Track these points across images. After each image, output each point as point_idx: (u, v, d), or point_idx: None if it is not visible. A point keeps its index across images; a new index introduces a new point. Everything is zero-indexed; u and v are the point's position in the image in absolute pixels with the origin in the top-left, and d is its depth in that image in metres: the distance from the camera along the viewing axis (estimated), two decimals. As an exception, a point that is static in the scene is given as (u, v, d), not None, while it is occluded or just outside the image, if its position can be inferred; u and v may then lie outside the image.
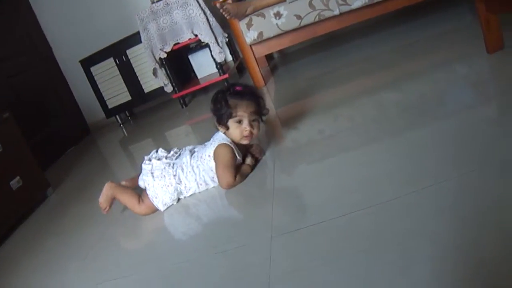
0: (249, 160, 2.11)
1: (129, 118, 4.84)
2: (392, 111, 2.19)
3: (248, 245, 1.55)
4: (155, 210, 2.12)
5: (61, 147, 4.36)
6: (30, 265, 2.08)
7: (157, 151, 2.22)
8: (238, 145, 2.08)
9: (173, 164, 2.13)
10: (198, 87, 4.24)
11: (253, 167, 2.11)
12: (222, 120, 2.05)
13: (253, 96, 2.06)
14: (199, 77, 4.49)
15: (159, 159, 2.16)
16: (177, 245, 1.79)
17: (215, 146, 2.03)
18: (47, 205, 2.92)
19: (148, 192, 2.10)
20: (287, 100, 3.05)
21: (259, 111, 2.08)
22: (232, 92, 2.05)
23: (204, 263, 1.56)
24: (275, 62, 4.55)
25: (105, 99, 4.56)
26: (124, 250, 1.91)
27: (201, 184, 2.10)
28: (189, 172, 2.09)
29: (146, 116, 4.67)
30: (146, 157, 2.21)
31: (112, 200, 2.20)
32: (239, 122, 2.02)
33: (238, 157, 2.07)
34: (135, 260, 1.79)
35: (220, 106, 2.05)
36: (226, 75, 4.07)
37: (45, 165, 3.81)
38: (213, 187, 2.10)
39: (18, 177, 2.78)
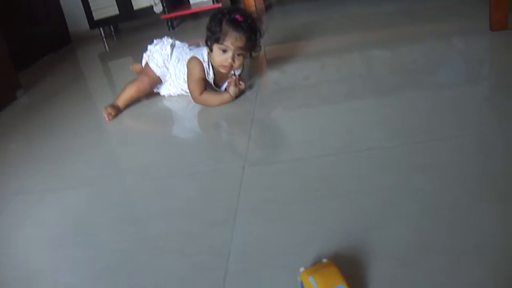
0: (231, 89, 2.06)
1: (113, 33, 4.70)
2: (381, 70, 2.15)
3: (219, 171, 1.53)
4: (157, 80, 2.27)
5: (38, 52, 4.20)
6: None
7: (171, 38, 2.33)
8: (216, 70, 2.09)
9: (175, 43, 2.28)
10: (189, 11, 4.17)
11: (235, 98, 2.08)
12: (209, 40, 2.02)
13: (249, 30, 2.00)
14: (191, 2, 4.36)
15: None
16: (144, 162, 1.74)
17: (189, 57, 2.11)
18: (15, 106, 2.83)
19: (148, 57, 2.29)
20: (277, 40, 2.97)
21: (248, 47, 2.04)
22: (231, 18, 1.98)
23: (169, 183, 1.53)
24: (271, 1, 4.44)
25: (92, 9, 4.40)
26: (86, 161, 1.85)
27: (177, 75, 2.21)
28: (176, 58, 2.22)
29: (131, 34, 4.55)
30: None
31: (117, 109, 2.24)
32: (224, 51, 1.99)
33: (208, 76, 2.10)
34: (94, 171, 1.75)
35: (213, 26, 2.01)
36: (219, 4, 3.96)
37: (19, 67, 3.68)
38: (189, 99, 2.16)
39: (-13, 74, 2.68)
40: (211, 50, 2.04)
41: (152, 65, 2.24)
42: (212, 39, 2.00)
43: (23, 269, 1.27)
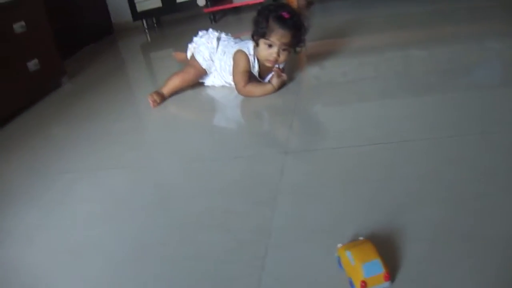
0: (274, 81, 2.12)
1: (156, 25, 4.77)
2: (417, 69, 2.18)
3: (261, 156, 1.60)
4: (202, 72, 2.33)
5: (82, 41, 4.31)
6: (34, 146, 2.09)
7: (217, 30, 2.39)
8: (261, 63, 2.15)
9: (220, 36, 2.33)
10: (232, 5, 4.24)
11: (278, 89, 2.14)
12: (255, 34, 2.08)
13: (294, 27, 2.05)
14: (235, -4, 4.43)
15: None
16: (187, 146, 1.81)
17: (236, 49, 2.16)
18: (60, 92, 2.93)
19: (194, 50, 2.35)
20: (317, 36, 3.00)
21: (293, 43, 2.09)
22: (277, 15, 2.03)
23: (212, 166, 1.60)
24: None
25: (135, 1, 4.48)
26: (131, 144, 1.92)
27: (222, 67, 2.26)
28: (222, 51, 2.27)
29: (173, 26, 4.62)
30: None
31: (162, 97, 2.31)
32: (269, 45, 2.05)
33: (253, 69, 2.15)
34: (139, 154, 1.82)
35: (259, 21, 2.06)
36: (262, 0, 4.00)
37: (63, 55, 3.78)
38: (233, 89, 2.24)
39: (36, 60, 2.77)
40: (257, 44, 2.10)
41: (199, 58, 2.30)
42: (259, 34, 2.06)
43: (72, 240, 1.34)
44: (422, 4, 3.42)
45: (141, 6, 4.50)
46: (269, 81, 2.15)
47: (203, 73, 2.34)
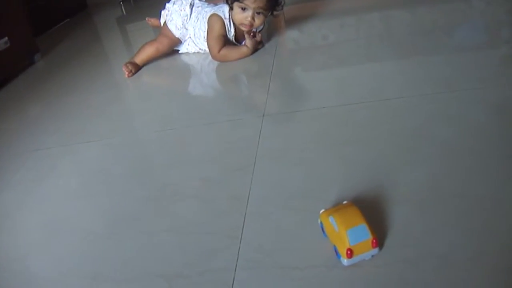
0: (248, 42, 2.06)
1: (131, -3, 4.67)
2: (400, 30, 2.12)
3: (237, 120, 1.54)
4: (176, 41, 2.27)
5: (55, 17, 4.20)
6: (8, 124, 2.03)
7: None
8: (236, 27, 2.09)
9: (193, 2, 2.23)
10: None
11: (253, 51, 2.09)
12: None
13: None
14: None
15: None
16: (162, 114, 1.76)
17: (210, 13, 2.09)
18: (33, 70, 2.84)
19: (166, 17, 2.27)
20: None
21: (269, 7, 2.03)
22: None
23: (189, 132, 1.55)
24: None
25: (108, -27, 4.37)
26: (105, 116, 1.87)
27: (196, 35, 2.19)
28: (195, 17, 2.19)
29: (149, -2, 4.50)
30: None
31: (136, 66, 2.25)
32: (243, 9, 1.98)
33: (229, 33, 2.09)
34: (112, 125, 1.76)
35: None
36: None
37: (36, 33, 3.68)
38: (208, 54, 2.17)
39: (6, 38, 2.67)
40: (231, 8, 2.02)
41: (171, 27, 2.23)
42: None
43: (46, 217, 1.29)
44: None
45: (114, -22, 4.38)
46: (244, 44, 2.09)
47: (177, 42, 2.27)
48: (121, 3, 4.51)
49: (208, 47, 2.12)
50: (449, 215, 0.93)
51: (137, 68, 2.23)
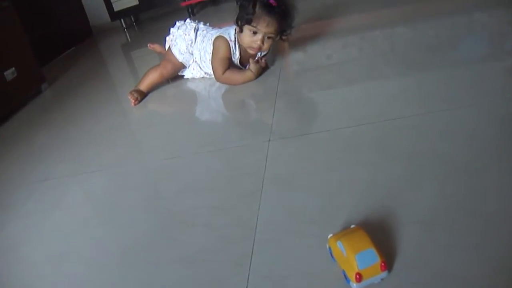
0: (253, 67, 2.06)
1: (134, 23, 4.72)
2: (403, 46, 2.12)
3: (244, 146, 1.54)
4: (180, 66, 2.27)
5: (61, 46, 4.25)
6: (17, 154, 2.05)
7: (194, 20, 2.32)
8: (242, 49, 2.09)
9: (198, 26, 2.24)
10: (210, -4, 4.15)
11: (257, 76, 2.08)
12: (241, 20, 2.00)
13: (282, 16, 1.99)
14: (211, -12, 4.34)
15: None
16: (169, 141, 1.76)
17: (216, 35, 2.09)
18: (40, 99, 2.87)
19: (171, 42, 2.27)
20: (298, 21, 2.94)
21: (279, 31, 2.04)
22: (265, 2, 1.96)
23: (195, 160, 1.55)
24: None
25: (112, 1, 4.42)
26: (112, 144, 1.88)
27: (202, 58, 2.19)
28: (201, 41, 2.19)
29: (152, 23, 4.56)
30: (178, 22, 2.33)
31: (141, 94, 2.26)
32: (254, 32, 1.99)
33: (234, 56, 2.10)
34: (119, 154, 1.77)
35: (246, 6, 1.98)
36: (240, -10, 3.92)
37: (43, 62, 3.71)
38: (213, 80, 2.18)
39: (13, 68, 2.71)
40: (241, 30, 2.02)
41: (175, 52, 2.24)
42: (244, 20, 1.98)
43: (55, 249, 1.29)
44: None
45: (117, 6, 4.44)
46: (248, 68, 2.09)
47: (181, 67, 2.28)
48: (125, 29, 4.56)
49: (212, 68, 2.12)
50: (459, 234, 0.92)
51: (143, 95, 2.24)
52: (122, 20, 4.57)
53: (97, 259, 1.19)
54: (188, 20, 2.29)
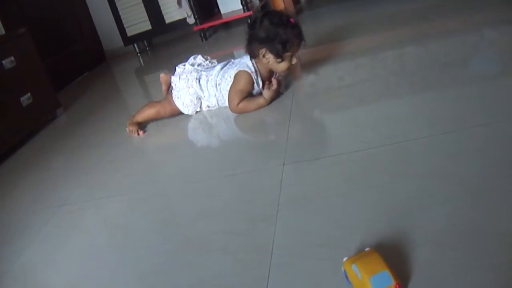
0: (266, 93, 2.04)
1: (147, 48, 4.76)
2: (414, 66, 2.13)
3: (259, 170, 1.55)
4: (178, 111, 2.24)
5: (75, 71, 4.31)
6: (33, 179, 2.08)
7: (195, 58, 2.27)
8: (262, 76, 2.10)
9: (200, 72, 2.18)
10: (220, 21, 4.20)
11: (271, 101, 2.07)
12: (278, 51, 2.00)
13: (301, 32, 2.04)
14: (222, 12, 4.35)
15: (192, 65, 2.22)
16: (183, 166, 1.78)
17: (236, 71, 2.06)
18: (56, 124, 2.91)
19: (173, 91, 2.21)
20: (309, 43, 2.97)
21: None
22: (290, 25, 1.99)
23: (210, 185, 1.56)
24: (301, 7, 4.45)
25: (125, 26, 4.47)
26: (127, 169, 1.90)
27: (220, 101, 2.16)
28: (213, 86, 2.13)
29: (165, 48, 4.59)
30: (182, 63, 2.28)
31: (137, 125, 2.26)
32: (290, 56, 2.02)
33: (256, 88, 2.09)
34: (136, 180, 1.79)
35: (274, 35, 1.98)
36: (250, 12, 3.97)
37: (57, 87, 3.77)
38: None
39: (29, 94, 2.75)
40: (282, 59, 2.02)
41: (178, 104, 2.21)
42: (282, 48, 1.98)
43: (72, 274, 1.30)
44: (412, 1, 3.37)
45: (131, 31, 4.48)
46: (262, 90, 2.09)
47: (179, 112, 2.25)
48: (138, 54, 4.60)
49: (228, 98, 2.08)
50: (472, 255, 0.93)
51: (139, 126, 2.25)
52: (135, 44, 4.61)
53: (114, 284, 1.20)
54: (186, 64, 2.25)
